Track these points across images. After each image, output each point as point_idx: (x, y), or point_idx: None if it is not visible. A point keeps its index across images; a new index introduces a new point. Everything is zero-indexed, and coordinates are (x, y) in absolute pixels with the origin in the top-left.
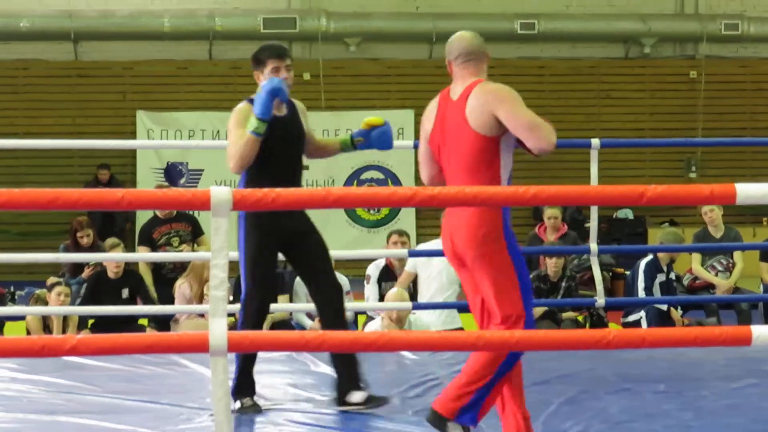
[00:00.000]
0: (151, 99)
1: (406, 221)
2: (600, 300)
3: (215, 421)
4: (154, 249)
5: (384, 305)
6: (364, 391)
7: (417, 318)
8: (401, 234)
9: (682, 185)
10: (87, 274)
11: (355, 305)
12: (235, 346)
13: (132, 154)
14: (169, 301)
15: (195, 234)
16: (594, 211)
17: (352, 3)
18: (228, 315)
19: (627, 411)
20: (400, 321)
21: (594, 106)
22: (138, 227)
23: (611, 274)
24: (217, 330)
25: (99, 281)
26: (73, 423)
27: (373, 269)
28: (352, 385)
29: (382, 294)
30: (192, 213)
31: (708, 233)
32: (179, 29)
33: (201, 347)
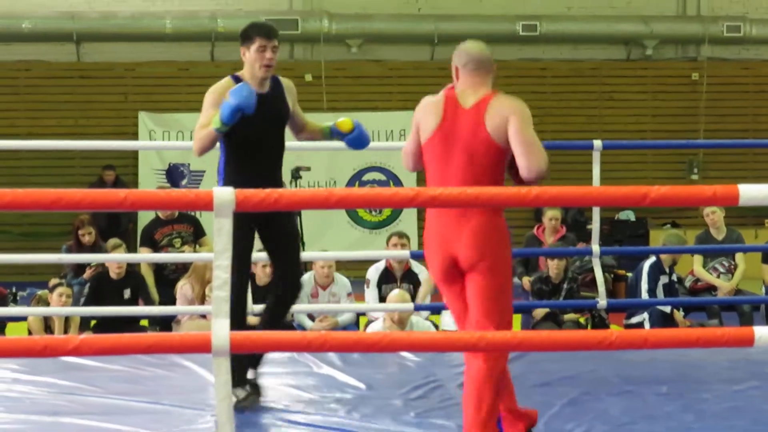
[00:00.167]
0: (153, 100)
1: (407, 222)
2: (602, 302)
3: (217, 422)
4: (155, 250)
5: (386, 306)
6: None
7: (419, 319)
8: (401, 236)
9: (685, 186)
10: (89, 274)
11: (357, 306)
12: (238, 346)
13: (134, 155)
14: (171, 302)
15: (197, 235)
16: (596, 213)
17: (353, 4)
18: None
19: (629, 412)
20: (401, 322)
21: (596, 107)
22: (140, 228)
23: (613, 275)
24: (220, 331)
25: (101, 282)
26: (76, 424)
27: (373, 273)
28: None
29: (382, 297)
30: (194, 214)
31: (710, 235)
32: (181, 31)
33: (203, 348)
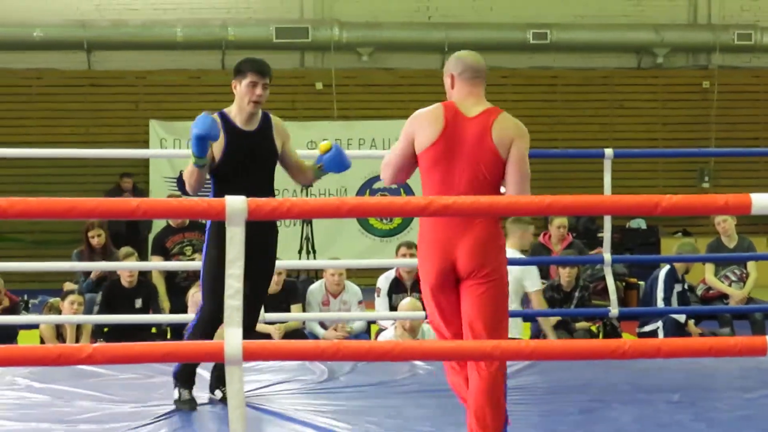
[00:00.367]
0: (164, 108)
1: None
2: (614, 310)
3: (230, 429)
4: (167, 258)
5: (397, 315)
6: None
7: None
8: (410, 246)
9: (697, 195)
10: (95, 275)
11: (368, 315)
12: (251, 355)
13: (145, 163)
14: (183, 310)
15: None
16: (607, 221)
17: (364, 13)
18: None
19: (640, 421)
20: (413, 330)
21: (606, 116)
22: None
23: (624, 284)
24: (233, 339)
25: (113, 290)
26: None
27: (383, 282)
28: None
29: (393, 306)
30: (205, 222)
31: (721, 243)
32: (192, 39)
33: (216, 356)
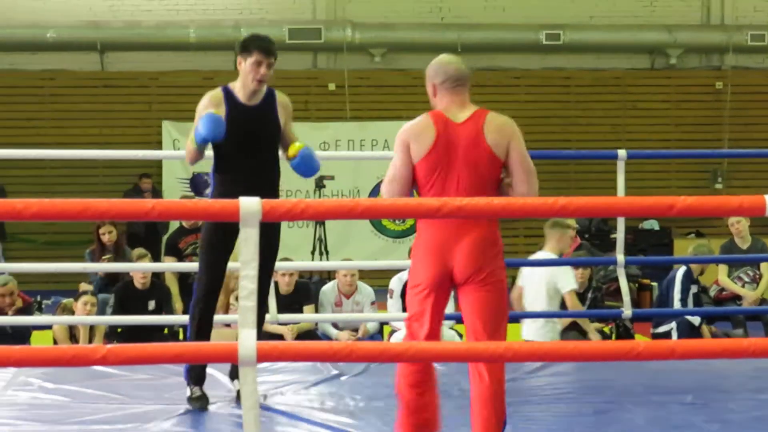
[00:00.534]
0: (177, 109)
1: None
2: (627, 311)
3: (244, 430)
4: (180, 259)
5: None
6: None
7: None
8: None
9: (711, 197)
10: (98, 263)
11: (381, 316)
12: (265, 356)
13: (158, 164)
14: None
15: None
16: (621, 223)
17: (377, 14)
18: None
19: (654, 422)
20: None
21: (619, 117)
22: None
23: (637, 285)
24: (247, 340)
25: (126, 292)
26: None
27: (396, 283)
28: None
29: (405, 307)
30: None
31: (735, 244)
32: (205, 40)
33: (230, 357)
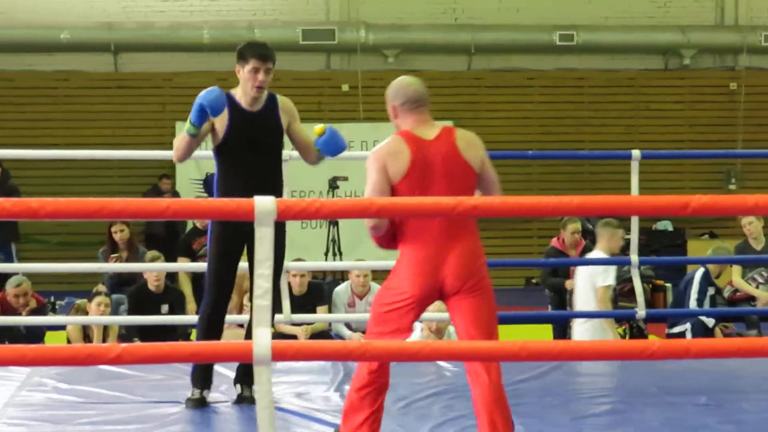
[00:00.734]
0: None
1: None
2: (641, 312)
3: (259, 430)
4: (194, 259)
5: (423, 316)
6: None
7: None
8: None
9: (726, 196)
10: (112, 263)
11: None
12: (280, 355)
13: (171, 165)
14: None
15: None
16: (635, 223)
17: (390, 15)
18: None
19: (668, 423)
20: (439, 332)
21: (633, 117)
22: None
23: (651, 285)
24: (262, 339)
25: (140, 295)
26: None
27: None
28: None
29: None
30: None
31: (748, 245)
32: (218, 41)
33: (245, 357)
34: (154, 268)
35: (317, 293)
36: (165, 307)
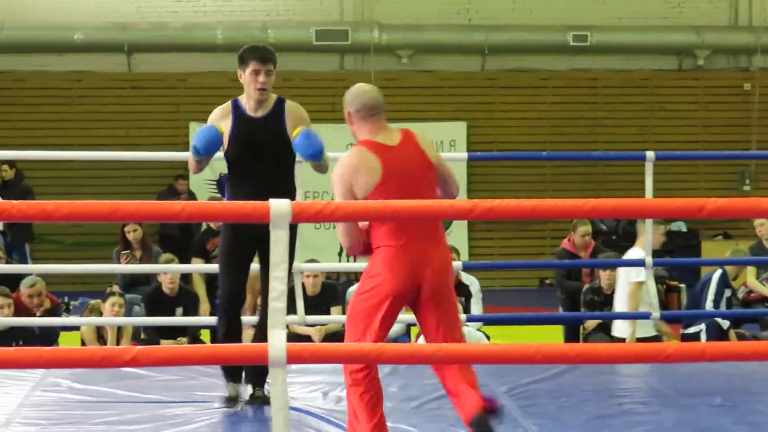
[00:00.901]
0: (204, 111)
1: (457, 235)
2: (655, 313)
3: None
4: (208, 260)
5: None
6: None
7: (470, 330)
8: (451, 251)
9: (742, 198)
10: (125, 262)
11: (408, 317)
12: (295, 357)
13: (184, 165)
14: None
15: None
16: (649, 224)
17: (404, 15)
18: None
19: (682, 425)
20: None
21: (646, 118)
22: None
23: (665, 286)
24: (277, 341)
25: (155, 297)
26: None
27: None
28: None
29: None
30: None
31: (762, 246)
32: (232, 41)
33: (260, 359)
34: (167, 269)
35: (331, 294)
36: (179, 310)
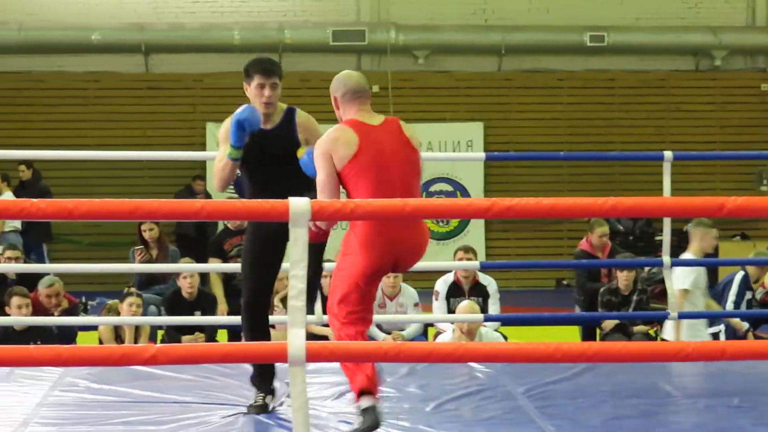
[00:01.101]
0: (221, 111)
1: (474, 234)
2: (673, 313)
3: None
4: (225, 260)
5: (455, 317)
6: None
7: (488, 330)
8: (467, 250)
9: (761, 197)
10: (139, 258)
11: (426, 317)
12: (314, 356)
13: (202, 165)
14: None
15: None
16: (667, 224)
17: (420, 16)
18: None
19: (700, 425)
20: (471, 333)
21: (663, 119)
22: None
23: None
24: (296, 340)
25: (174, 301)
26: None
27: (442, 285)
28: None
29: (451, 310)
30: None
31: None
32: (249, 42)
33: (279, 357)
34: (185, 268)
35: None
36: (198, 314)
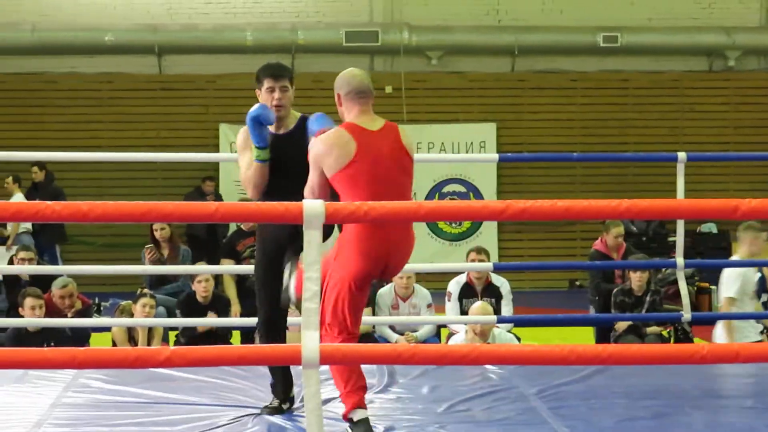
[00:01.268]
0: (234, 112)
1: (487, 235)
2: (686, 314)
3: None
4: (238, 261)
5: (468, 318)
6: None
7: (501, 331)
8: (480, 252)
9: None
10: (149, 257)
11: (439, 318)
12: (328, 358)
13: (215, 166)
14: (253, 314)
15: None
16: (680, 226)
17: (434, 16)
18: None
19: (713, 427)
20: (484, 335)
21: (677, 119)
22: None
23: (696, 288)
24: (310, 342)
25: (189, 304)
26: None
27: (454, 286)
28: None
29: (463, 311)
30: None
31: None
32: (262, 43)
33: (293, 360)
34: (197, 270)
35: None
36: (212, 315)
